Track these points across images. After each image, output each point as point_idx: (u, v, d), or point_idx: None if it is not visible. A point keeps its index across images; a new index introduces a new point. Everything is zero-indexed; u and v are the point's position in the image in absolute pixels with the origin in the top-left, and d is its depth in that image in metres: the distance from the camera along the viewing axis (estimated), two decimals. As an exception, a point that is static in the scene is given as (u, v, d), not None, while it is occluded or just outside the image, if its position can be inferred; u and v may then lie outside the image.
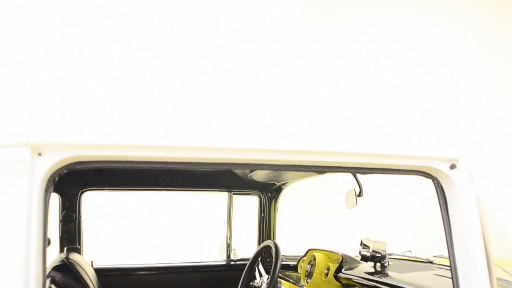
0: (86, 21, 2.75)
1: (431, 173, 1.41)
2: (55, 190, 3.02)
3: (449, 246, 1.38)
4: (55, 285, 2.27)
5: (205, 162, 1.18)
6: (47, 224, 1.01)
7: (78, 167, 1.08)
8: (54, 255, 2.63)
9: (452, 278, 1.36)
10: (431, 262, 2.52)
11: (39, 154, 1.02)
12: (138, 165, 1.15)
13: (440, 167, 1.38)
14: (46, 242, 1.01)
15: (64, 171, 1.06)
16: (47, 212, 1.02)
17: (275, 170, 2.19)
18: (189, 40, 3.05)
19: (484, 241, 1.34)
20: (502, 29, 5.21)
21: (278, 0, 3.48)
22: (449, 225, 1.39)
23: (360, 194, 2.63)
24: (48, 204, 1.03)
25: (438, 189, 1.42)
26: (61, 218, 3.01)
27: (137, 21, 2.91)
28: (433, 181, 1.42)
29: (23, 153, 1.00)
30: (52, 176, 1.04)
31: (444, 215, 1.40)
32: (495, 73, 4.75)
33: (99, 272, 2.89)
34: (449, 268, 2.24)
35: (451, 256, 1.37)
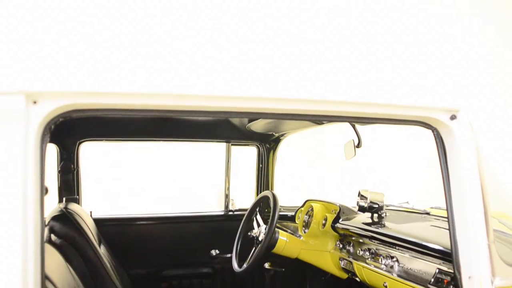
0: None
1: (431, 123, 1.39)
2: (53, 141, 3.01)
3: (447, 197, 1.37)
4: (55, 234, 2.29)
5: (203, 110, 1.16)
6: (44, 173, 1.00)
7: (74, 115, 1.06)
8: (53, 206, 2.64)
9: (449, 229, 1.36)
10: (428, 214, 2.54)
11: (34, 102, 1.00)
12: (135, 114, 1.13)
13: (440, 118, 1.36)
14: (44, 190, 1.00)
15: (60, 119, 1.04)
16: (44, 161, 1.01)
17: (273, 119, 2.17)
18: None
19: (482, 193, 1.34)
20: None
21: None
22: (448, 176, 1.38)
23: (358, 145, 2.62)
24: (44, 153, 1.01)
25: (437, 140, 1.41)
26: (59, 169, 3.01)
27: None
28: (432, 131, 1.40)
29: (17, 101, 0.98)
30: (48, 124, 1.02)
31: (443, 166, 1.39)
32: (499, 22, 4.65)
33: (98, 222, 2.91)
34: (445, 219, 2.27)
35: (449, 207, 1.37)
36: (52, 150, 3.02)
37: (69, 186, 3.03)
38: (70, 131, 3.02)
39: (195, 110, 1.15)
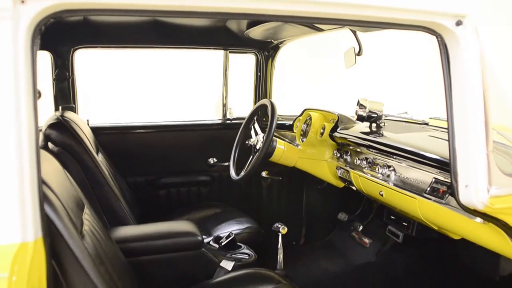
0: None
1: (435, 29, 1.33)
2: (46, 48, 2.94)
3: (448, 105, 1.34)
4: (51, 142, 2.28)
5: (201, 11, 1.10)
6: (36, 76, 0.96)
7: (65, 15, 1.00)
8: (49, 114, 2.61)
9: (448, 137, 1.34)
10: (426, 124, 2.52)
11: (22, 1, 0.94)
12: (129, 14, 1.07)
13: (445, 23, 1.30)
14: (36, 94, 0.97)
15: (51, 20, 0.99)
16: (35, 64, 0.97)
17: (272, 20, 2.09)
18: None
19: (484, 102, 1.31)
20: None
21: None
22: (450, 84, 1.34)
23: (359, 53, 2.56)
24: (35, 56, 0.97)
25: (441, 47, 1.36)
26: (54, 77, 2.96)
27: None
28: (437, 37, 1.35)
29: (5, 0, 0.93)
30: (38, 25, 0.97)
31: (445, 74, 1.35)
32: None
33: (95, 130, 2.90)
34: (444, 129, 2.26)
35: (449, 115, 1.34)
36: (46, 57, 2.95)
37: (65, 95, 2.99)
38: (63, 37, 2.94)
39: (193, 10, 1.09)
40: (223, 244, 2.30)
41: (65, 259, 1.09)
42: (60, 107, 2.93)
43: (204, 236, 2.27)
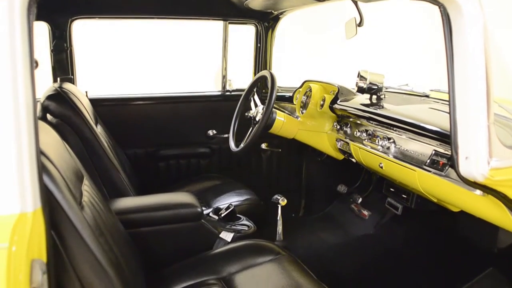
0: None
1: (438, -2, 1.31)
2: (44, 18, 2.91)
3: (450, 77, 1.33)
4: (50, 114, 2.28)
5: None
6: (32, 45, 0.95)
7: None
8: (47, 86, 2.60)
9: (449, 109, 1.33)
10: (427, 96, 2.51)
11: None
12: None
13: (448, -7, 1.28)
14: (33, 63, 0.96)
15: None
16: (32, 33, 0.95)
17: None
18: None
19: (486, 74, 1.30)
20: None
21: None
22: (452, 55, 1.33)
23: (360, 24, 2.52)
24: (32, 25, 0.95)
25: (444, 17, 1.33)
26: (52, 48, 2.94)
27: None
28: (439, 7, 1.33)
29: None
30: None
31: (447, 46, 1.34)
32: None
33: (94, 102, 2.89)
34: (445, 102, 2.25)
35: (451, 88, 1.33)
36: (44, 28, 2.92)
37: (63, 66, 2.97)
38: (61, 7, 2.90)
39: None
40: (222, 215, 2.31)
41: (65, 229, 1.09)
42: (58, 79, 2.91)
43: (203, 208, 2.28)
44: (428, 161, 1.89)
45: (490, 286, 2.39)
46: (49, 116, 2.27)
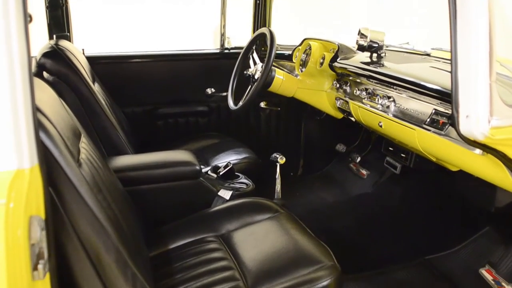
0: None
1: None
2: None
3: (452, 34, 1.30)
4: (46, 71, 2.25)
5: None
6: None
7: None
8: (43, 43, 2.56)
9: (451, 67, 1.31)
10: (428, 55, 2.48)
11: None
12: None
13: None
14: (27, 17, 0.93)
15: None
16: None
17: None
18: None
19: (490, 32, 1.27)
20: None
21: None
22: (455, 11, 1.30)
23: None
24: None
25: (448, -27, 1.30)
26: (47, 4, 2.88)
27: None
28: (443, -37, 1.30)
29: None
30: None
31: (451, 4, 1.31)
32: None
33: (91, 60, 2.85)
34: (446, 61, 2.22)
35: (453, 45, 1.30)
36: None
37: (59, 23, 2.91)
38: None
39: None
40: (221, 173, 2.31)
41: (63, 186, 1.09)
42: (54, 36, 2.87)
43: (202, 166, 2.28)
44: (428, 120, 1.88)
45: (486, 245, 2.42)
46: (45, 74, 2.25)
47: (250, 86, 2.78)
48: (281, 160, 2.50)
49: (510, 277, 2.22)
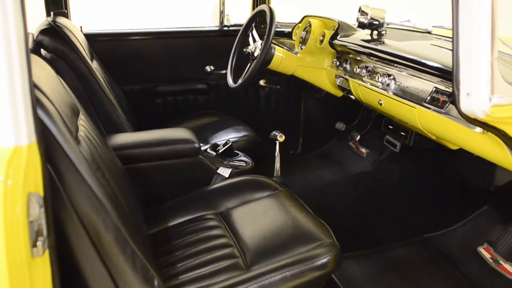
0: None
1: None
2: None
3: (454, 11, 1.29)
4: (44, 49, 2.23)
5: None
6: None
7: None
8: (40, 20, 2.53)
9: (452, 44, 1.30)
10: (429, 33, 2.46)
11: None
12: None
13: None
14: None
15: None
16: None
17: None
18: None
19: (492, 9, 1.26)
20: None
21: None
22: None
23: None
24: None
25: None
26: None
27: None
28: None
29: None
30: None
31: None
32: None
33: (89, 37, 2.83)
34: (447, 39, 2.20)
35: (455, 22, 1.29)
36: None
37: None
38: None
39: None
40: (220, 151, 2.31)
41: (61, 164, 1.09)
42: (51, 13, 2.84)
43: (201, 144, 2.28)
44: (428, 98, 1.87)
45: (485, 223, 2.43)
46: (43, 51, 2.23)
47: (249, 64, 2.76)
48: (281, 138, 2.49)
49: (508, 255, 2.23)
